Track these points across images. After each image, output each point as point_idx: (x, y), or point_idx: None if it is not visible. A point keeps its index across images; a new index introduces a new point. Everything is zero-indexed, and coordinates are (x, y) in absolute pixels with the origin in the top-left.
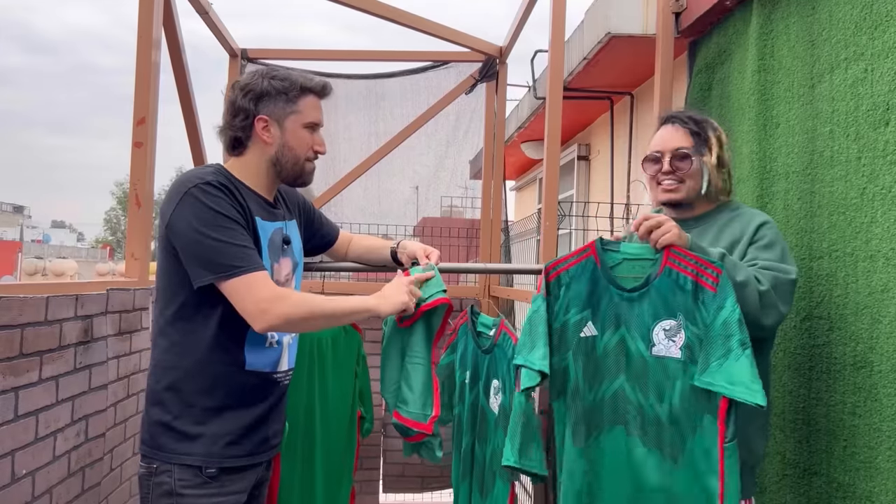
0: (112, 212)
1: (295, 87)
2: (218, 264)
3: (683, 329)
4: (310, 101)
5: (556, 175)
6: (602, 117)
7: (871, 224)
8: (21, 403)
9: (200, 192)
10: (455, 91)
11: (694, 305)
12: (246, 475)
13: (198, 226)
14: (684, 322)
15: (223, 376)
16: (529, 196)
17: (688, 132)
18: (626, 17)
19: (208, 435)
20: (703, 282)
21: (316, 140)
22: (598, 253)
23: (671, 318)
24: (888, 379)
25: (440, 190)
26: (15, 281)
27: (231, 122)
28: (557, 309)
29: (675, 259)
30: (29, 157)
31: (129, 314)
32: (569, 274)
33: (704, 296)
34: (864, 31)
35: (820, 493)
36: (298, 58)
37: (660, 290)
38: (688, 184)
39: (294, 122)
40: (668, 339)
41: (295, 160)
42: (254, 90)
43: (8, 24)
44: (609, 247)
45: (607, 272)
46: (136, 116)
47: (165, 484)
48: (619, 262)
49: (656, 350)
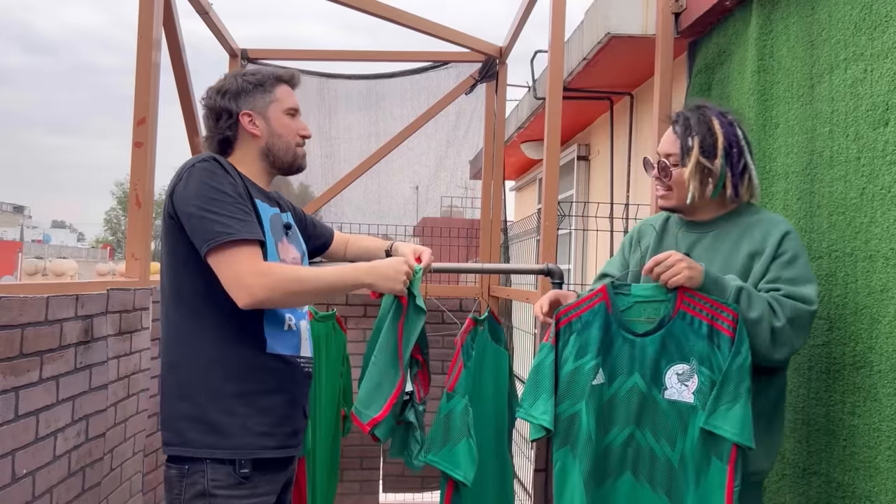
0: (112, 212)
1: (268, 78)
2: (207, 232)
3: (697, 374)
4: (285, 89)
5: (555, 175)
6: (602, 117)
7: (871, 224)
8: (21, 403)
9: (198, 170)
10: (455, 91)
11: (710, 350)
12: (277, 475)
13: (195, 200)
14: (698, 367)
15: (246, 360)
16: (529, 196)
17: (677, 139)
18: (626, 17)
19: (238, 424)
20: (719, 325)
21: (300, 125)
22: (610, 297)
23: (684, 362)
24: (887, 379)
25: (440, 190)
26: (15, 281)
27: (216, 126)
28: (567, 355)
29: (689, 302)
30: (29, 157)
31: (129, 314)
32: (581, 320)
33: (720, 340)
34: (864, 31)
35: (819, 492)
36: (298, 58)
37: (673, 333)
38: (676, 191)
39: (276, 110)
40: (680, 383)
41: (286, 146)
42: (230, 89)
43: (8, 24)
44: (620, 290)
45: (618, 316)
46: (136, 116)
47: (198, 484)
48: (630, 306)
49: (668, 394)
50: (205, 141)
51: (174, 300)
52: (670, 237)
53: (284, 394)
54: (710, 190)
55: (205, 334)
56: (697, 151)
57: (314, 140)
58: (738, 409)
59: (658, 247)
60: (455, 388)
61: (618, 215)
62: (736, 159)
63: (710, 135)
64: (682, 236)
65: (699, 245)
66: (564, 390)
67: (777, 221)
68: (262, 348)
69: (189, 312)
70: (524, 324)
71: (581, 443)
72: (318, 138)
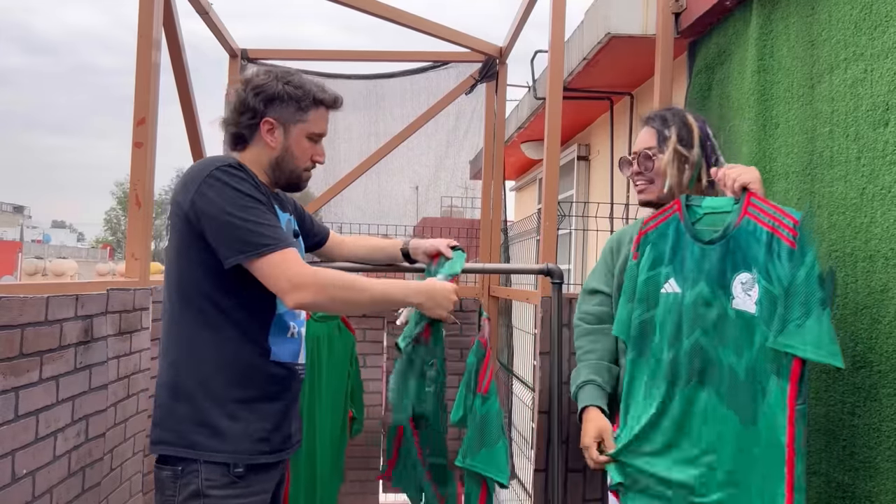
0: (112, 212)
1: (308, 96)
2: (247, 243)
3: (757, 283)
4: (320, 113)
5: (555, 175)
6: (602, 117)
7: (871, 224)
8: (21, 403)
9: (223, 174)
10: (455, 91)
11: (768, 259)
12: (270, 474)
13: (226, 206)
14: (758, 276)
15: (252, 367)
16: (529, 196)
17: (655, 132)
18: (626, 17)
19: (240, 429)
20: (780, 233)
21: (317, 150)
22: (682, 209)
23: (747, 270)
24: (888, 379)
25: (440, 190)
26: (15, 281)
27: (237, 119)
28: (643, 265)
29: (754, 209)
30: (29, 157)
31: (129, 314)
32: (657, 231)
33: (781, 249)
34: (864, 31)
35: (820, 493)
36: (298, 58)
37: (737, 240)
38: (657, 183)
39: (300, 130)
40: (744, 292)
41: (294, 168)
42: (266, 91)
43: (8, 25)
44: (692, 202)
45: (689, 227)
46: (136, 117)
47: (192, 485)
48: (700, 217)
49: (735, 303)
50: (222, 124)
51: (180, 303)
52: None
53: (283, 400)
54: (687, 178)
55: (211, 339)
56: (675, 139)
57: None
58: (811, 323)
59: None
60: (489, 391)
61: (618, 215)
62: (710, 151)
63: (685, 127)
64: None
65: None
66: (640, 298)
67: None
68: (266, 355)
69: (195, 316)
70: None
71: (651, 349)
72: None
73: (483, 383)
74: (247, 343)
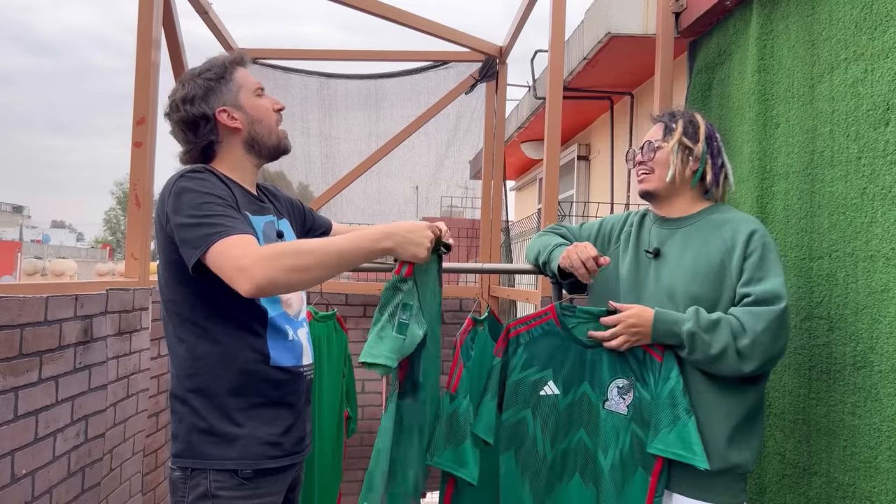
0: (112, 212)
1: (222, 66)
2: (198, 238)
3: (633, 389)
4: (242, 72)
5: (556, 175)
6: (602, 117)
7: (871, 224)
8: (21, 403)
9: (187, 181)
10: (455, 91)
11: (645, 370)
12: (280, 477)
13: (184, 209)
14: (635, 383)
15: (253, 373)
16: (529, 196)
17: (662, 125)
18: (626, 17)
19: (245, 436)
20: (652, 351)
21: (271, 101)
22: (558, 315)
23: (625, 377)
24: (888, 379)
25: (440, 190)
26: (14, 281)
27: (196, 137)
28: (513, 366)
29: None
30: (29, 157)
31: (128, 314)
32: (529, 334)
33: (652, 363)
34: (864, 31)
35: (820, 493)
36: (298, 58)
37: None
38: (657, 173)
39: (244, 95)
40: (619, 395)
41: (268, 130)
42: (196, 94)
43: (8, 25)
44: (567, 310)
45: (568, 331)
46: (136, 116)
47: (201, 486)
48: (575, 325)
49: (608, 405)
50: (183, 156)
51: (176, 317)
52: (645, 232)
53: (289, 404)
54: (690, 174)
55: (209, 350)
56: (681, 130)
57: (314, 140)
58: (678, 430)
59: (636, 240)
60: (457, 390)
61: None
62: (716, 151)
63: (692, 122)
64: (655, 232)
65: (671, 240)
66: (510, 398)
67: (746, 220)
68: (265, 361)
69: (191, 329)
70: None
71: (525, 448)
72: (318, 138)
73: (452, 381)
74: (245, 350)
